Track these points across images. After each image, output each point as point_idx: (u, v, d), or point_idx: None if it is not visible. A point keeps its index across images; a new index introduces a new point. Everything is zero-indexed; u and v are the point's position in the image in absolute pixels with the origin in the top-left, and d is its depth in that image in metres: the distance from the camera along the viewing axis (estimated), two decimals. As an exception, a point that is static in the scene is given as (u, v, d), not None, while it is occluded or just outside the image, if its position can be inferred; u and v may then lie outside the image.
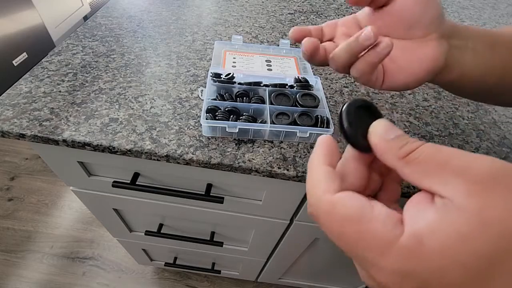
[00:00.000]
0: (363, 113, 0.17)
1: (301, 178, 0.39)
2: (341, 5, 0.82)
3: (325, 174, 0.16)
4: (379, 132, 0.16)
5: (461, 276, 0.11)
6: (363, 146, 0.17)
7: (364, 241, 0.13)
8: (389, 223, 0.13)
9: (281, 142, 0.42)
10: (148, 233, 0.66)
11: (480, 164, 0.12)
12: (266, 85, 0.47)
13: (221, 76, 0.47)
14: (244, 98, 0.45)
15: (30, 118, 0.40)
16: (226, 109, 0.42)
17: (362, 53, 0.23)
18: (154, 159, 0.39)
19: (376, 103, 0.51)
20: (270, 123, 0.41)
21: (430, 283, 0.12)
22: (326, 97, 0.50)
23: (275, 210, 0.54)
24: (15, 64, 1.49)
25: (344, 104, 0.17)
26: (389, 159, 0.15)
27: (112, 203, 0.59)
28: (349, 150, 0.18)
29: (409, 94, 0.54)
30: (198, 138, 0.41)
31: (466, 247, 0.11)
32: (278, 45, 0.60)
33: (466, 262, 0.11)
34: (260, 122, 0.41)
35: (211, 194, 0.48)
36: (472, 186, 0.12)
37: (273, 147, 0.41)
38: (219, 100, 0.44)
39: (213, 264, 0.93)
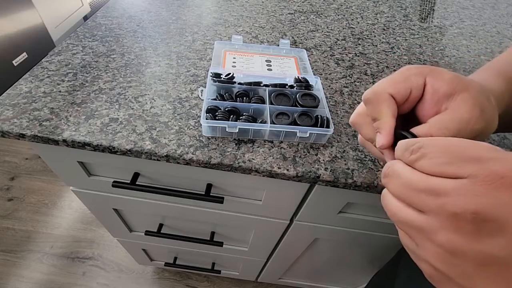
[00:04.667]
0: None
1: (301, 178, 0.39)
2: (341, 5, 0.82)
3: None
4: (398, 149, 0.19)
5: None
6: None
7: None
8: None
9: (281, 142, 0.42)
10: (148, 233, 0.66)
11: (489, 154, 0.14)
12: (266, 85, 0.47)
13: (221, 76, 0.47)
14: (244, 98, 0.45)
15: (30, 118, 0.40)
16: (226, 109, 0.42)
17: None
18: (154, 159, 0.39)
19: (376, 103, 0.51)
20: (270, 123, 0.41)
21: None
22: (326, 97, 0.50)
23: (275, 210, 0.54)
24: (15, 64, 1.49)
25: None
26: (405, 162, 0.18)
27: (112, 203, 0.59)
28: None
29: (409, 94, 0.54)
30: (198, 138, 0.41)
31: None
32: (278, 45, 0.60)
33: None
34: (260, 122, 0.41)
35: (211, 194, 0.48)
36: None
37: (273, 147, 0.41)
38: (219, 100, 0.44)
39: (213, 264, 0.93)
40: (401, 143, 0.18)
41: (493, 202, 0.13)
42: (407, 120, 0.25)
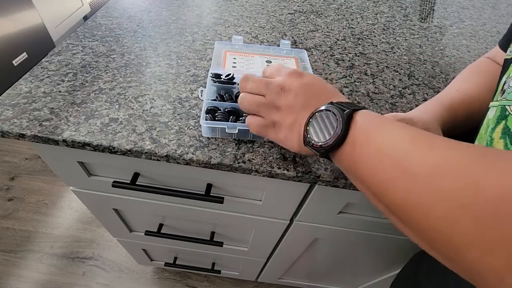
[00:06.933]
0: None
1: (301, 178, 0.39)
2: (341, 5, 0.82)
3: None
4: None
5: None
6: None
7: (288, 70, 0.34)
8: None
9: (281, 142, 0.42)
10: (148, 233, 0.66)
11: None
12: (266, 85, 0.47)
13: (221, 76, 0.47)
14: (244, 98, 0.45)
15: (30, 118, 0.40)
16: (226, 109, 0.42)
17: None
18: (154, 159, 0.39)
19: (377, 103, 0.51)
20: (270, 123, 0.40)
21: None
22: (326, 97, 0.50)
23: (275, 210, 0.54)
24: (15, 64, 1.49)
25: None
26: None
27: (112, 203, 0.59)
28: None
29: (409, 94, 0.54)
30: (198, 138, 0.41)
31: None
32: (279, 46, 0.60)
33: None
34: (260, 122, 0.41)
35: (211, 194, 0.48)
36: None
37: (273, 147, 0.41)
38: (219, 100, 0.44)
39: (213, 264, 0.93)
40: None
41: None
42: None
